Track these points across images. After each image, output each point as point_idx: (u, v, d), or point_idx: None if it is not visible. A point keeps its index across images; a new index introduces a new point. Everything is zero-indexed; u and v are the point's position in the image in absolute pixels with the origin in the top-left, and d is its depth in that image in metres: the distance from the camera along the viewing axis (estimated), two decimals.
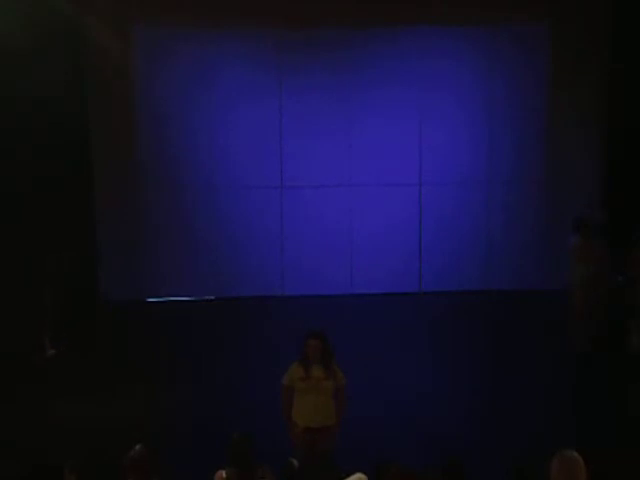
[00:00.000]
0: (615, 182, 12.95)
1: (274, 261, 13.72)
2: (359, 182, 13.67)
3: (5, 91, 11.41)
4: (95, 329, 12.12)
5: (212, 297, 13.65)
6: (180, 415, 9.47)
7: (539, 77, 13.45)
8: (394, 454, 6.54)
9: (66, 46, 12.20)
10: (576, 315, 11.22)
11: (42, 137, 11.89)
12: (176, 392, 10.16)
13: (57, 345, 11.31)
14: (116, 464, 5.87)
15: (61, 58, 11.91)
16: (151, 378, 10.59)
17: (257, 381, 10.15)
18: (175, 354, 11.28)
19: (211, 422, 9.08)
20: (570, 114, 13.37)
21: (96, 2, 12.57)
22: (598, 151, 13.44)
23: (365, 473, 5.80)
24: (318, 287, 13.45)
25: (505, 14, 13.07)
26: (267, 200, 13.67)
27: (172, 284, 13.53)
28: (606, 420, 9.03)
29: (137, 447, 5.61)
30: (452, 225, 13.74)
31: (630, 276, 10.96)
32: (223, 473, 6.07)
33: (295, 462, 5.95)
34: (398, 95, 13.50)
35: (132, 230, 13.40)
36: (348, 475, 5.81)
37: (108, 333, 12.05)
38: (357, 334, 11.52)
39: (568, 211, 13.08)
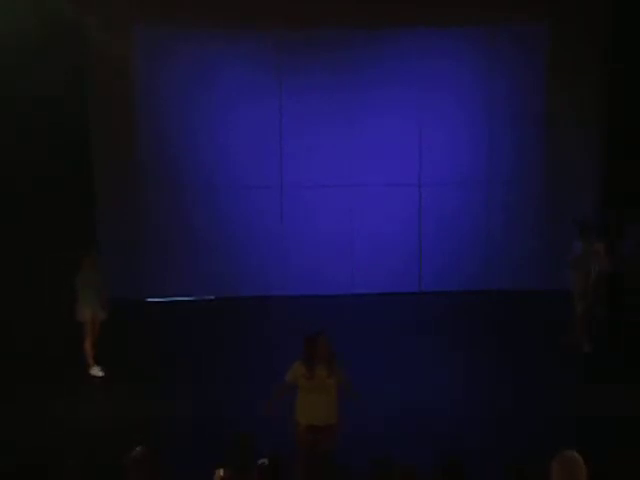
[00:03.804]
0: (615, 182, 12.94)
1: (274, 261, 13.72)
2: (359, 182, 13.67)
3: (5, 91, 11.40)
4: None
5: (212, 297, 13.65)
6: (180, 415, 9.46)
7: (539, 77, 13.45)
8: (394, 454, 6.53)
9: (66, 46, 12.18)
10: (578, 316, 11.18)
11: (42, 137, 11.89)
12: (176, 392, 10.15)
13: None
14: (116, 464, 5.87)
15: (61, 58, 11.90)
16: (151, 378, 10.58)
17: (257, 381, 10.15)
18: (175, 354, 11.28)
19: (211, 422, 9.08)
20: (570, 114, 13.36)
21: (96, 2, 12.56)
22: (598, 151, 13.44)
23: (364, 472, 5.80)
24: (318, 287, 13.45)
25: (505, 14, 13.07)
26: (267, 200, 13.67)
27: (172, 284, 13.53)
28: (606, 420, 9.03)
29: (138, 447, 5.61)
30: (452, 225, 13.74)
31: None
32: (221, 471, 6.07)
33: (266, 462, 5.94)
34: (398, 95, 13.50)
35: (132, 230, 13.40)
36: (348, 475, 5.81)
37: (108, 333, 12.02)
38: (357, 334, 11.52)
39: (568, 211, 13.11)
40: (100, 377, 10.66)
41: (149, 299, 13.49)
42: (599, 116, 13.32)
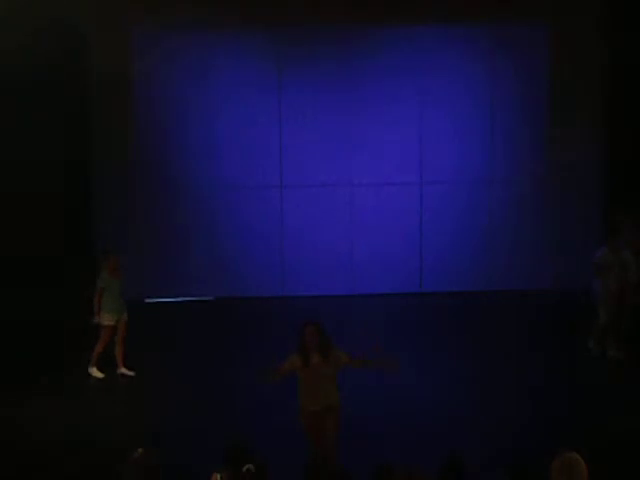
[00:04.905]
0: (615, 182, 12.94)
1: (274, 261, 13.72)
2: (359, 182, 13.68)
3: (5, 91, 11.39)
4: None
5: (212, 297, 13.64)
6: (180, 415, 9.45)
7: (539, 77, 13.46)
8: (394, 454, 6.53)
9: (66, 46, 12.18)
10: (602, 323, 10.90)
11: (42, 137, 11.88)
12: (176, 392, 10.15)
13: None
14: (116, 465, 5.87)
15: (61, 58, 11.91)
16: (151, 378, 10.58)
17: (257, 381, 10.15)
18: (175, 354, 11.27)
19: (211, 422, 9.08)
20: (570, 114, 13.37)
21: (96, 2, 12.54)
22: (598, 151, 13.44)
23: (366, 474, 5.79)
24: (318, 287, 13.45)
25: (505, 14, 13.08)
26: (267, 200, 13.67)
27: (172, 284, 13.53)
28: (606, 420, 9.03)
29: (139, 449, 5.60)
30: (452, 225, 13.74)
31: None
32: (218, 476, 6.05)
33: (252, 467, 5.93)
34: (398, 94, 13.51)
35: (132, 230, 13.39)
36: (348, 475, 5.80)
37: None
38: (357, 334, 11.50)
39: (568, 211, 13.12)
40: (100, 378, 10.66)
41: (149, 299, 13.48)
42: (599, 116, 13.32)
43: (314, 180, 13.63)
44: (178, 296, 13.57)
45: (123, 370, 10.74)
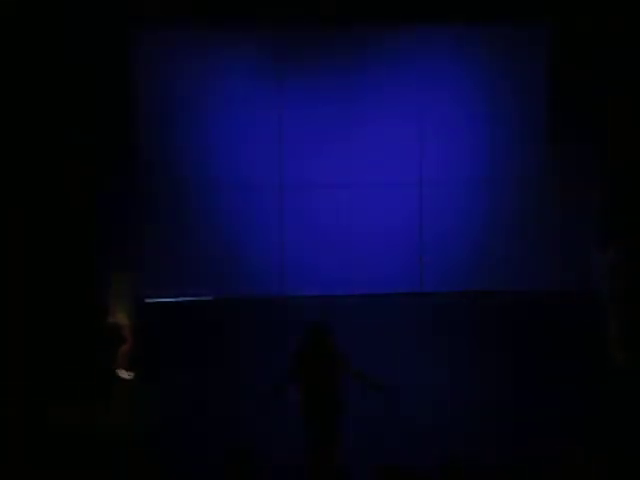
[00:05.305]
0: (616, 182, 12.94)
1: (274, 261, 13.72)
2: (359, 182, 13.67)
3: (5, 92, 11.40)
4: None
5: (212, 297, 13.65)
6: (180, 415, 9.46)
7: (539, 77, 13.45)
8: (394, 454, 6.53)
9: (67, 46, 12.18)
10: (614, 328, 10.86)
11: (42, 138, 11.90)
12: (176, 392, 10.16)
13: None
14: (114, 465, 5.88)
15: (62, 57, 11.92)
16: (150, 379, 10.58)
17: (257, 381, 10.15)
18: (174, 354, 11.28)
19: (211, 422, 9.09)
20: (570, 114, 13.36)
21: (97, 4, 12.53)
22: (598, 151, 13.42)
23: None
24: (318, 287, 13.45)
25: (505, 14, 13.08)
26: (267, 200, 13.67)
27: (172, 284, 13.53)
28: (606, 420, 9.03)
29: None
30: (452, 225, 13.73)
31: None
32: None
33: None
34: (398, 95, 13.51)
35: (133, 230, 13.38)
36: (349, 476, 5.81)
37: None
38: (357, 334, 11.51)
39: (570, 211, 13.12)
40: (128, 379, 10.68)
41: (148, 299, 13.47)
42: (599, 116, 13.31)
43: (314, 180, 13.62)
44: (178, 296, 13.57)
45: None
